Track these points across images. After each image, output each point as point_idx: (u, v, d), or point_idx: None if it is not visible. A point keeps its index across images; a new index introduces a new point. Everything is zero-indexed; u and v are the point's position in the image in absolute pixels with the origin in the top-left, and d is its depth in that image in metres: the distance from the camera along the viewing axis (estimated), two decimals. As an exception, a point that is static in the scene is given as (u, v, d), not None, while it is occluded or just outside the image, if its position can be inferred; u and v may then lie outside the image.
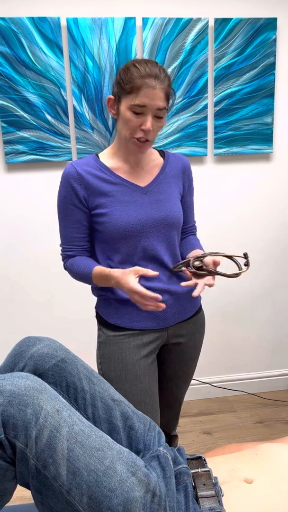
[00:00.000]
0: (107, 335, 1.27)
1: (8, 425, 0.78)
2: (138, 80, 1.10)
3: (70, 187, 1.20)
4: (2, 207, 1.89)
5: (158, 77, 1.11)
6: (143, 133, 1.15)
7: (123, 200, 1.21)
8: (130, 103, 1.11)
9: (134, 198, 1.21)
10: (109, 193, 1.20)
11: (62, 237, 1.28)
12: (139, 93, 1.10)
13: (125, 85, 1.12)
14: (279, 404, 2.20)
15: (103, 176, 1.21)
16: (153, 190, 1.24)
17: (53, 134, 1.81)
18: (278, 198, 2.08)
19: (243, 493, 0.94)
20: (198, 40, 1.81)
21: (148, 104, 1.11)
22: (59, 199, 1.24)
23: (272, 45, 1.86)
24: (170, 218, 1.24)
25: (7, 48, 1.71)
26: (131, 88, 1.11)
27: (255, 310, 2.21)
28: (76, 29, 1.73)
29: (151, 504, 0.84)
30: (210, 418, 2.11)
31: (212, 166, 1.98)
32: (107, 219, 1.20)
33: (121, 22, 1.74)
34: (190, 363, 1.38)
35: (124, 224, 1.19)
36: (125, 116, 1.14)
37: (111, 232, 1.20)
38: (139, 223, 1.20)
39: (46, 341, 1.01)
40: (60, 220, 1.27)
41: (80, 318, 1.96)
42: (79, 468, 0.80)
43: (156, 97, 1.11)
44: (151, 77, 1.10)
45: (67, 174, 1.21)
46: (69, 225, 1.24)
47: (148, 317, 1.25)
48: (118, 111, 1.16)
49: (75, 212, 1.22)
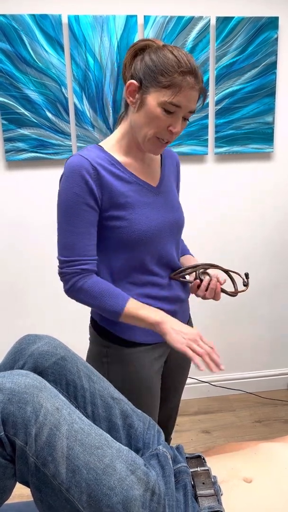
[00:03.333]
0: (119, 353, 1.13)
1: (8, 423, 0.78)
2: (178, 76, 0.96)
3: (83, 183, 1.00)
4: (2, 205, 1.89)
5: (197, 75, 0.98)
6: (169, 135, 1.02)
7: (141, 201, 1.07)
8: (165, 99, 0.97)
9: (150, 200, 1.09)
10: (126, 194, 1.05)
11: (68, 247, 1.03)
12: (179, 92, 0.97)
13: (159, 76, 0.97)
14: (278, 403, 2.20)
15: (117, 173, 1.05)
16: (163, 190, 1.14)
17: (54, 132, 1.81)
18: (279, 197, 2.08)
19: (242, 492, 0.94)
20: (199, 38, 1.81)
21: (183, 106, 0.99)
22: (67, 197, 1.01)
23: (274, 44, 1.86)
24: (181, 220, 1.18)
25: (8, 45, 1.70)
26: (169, 83, 0.96)
27: (254, 309, 2.21)
28: (78, 27, 1.72)
29: (151, 503, 0.84)
30: (209, 417, 2.11)
31: (212, 165, 1.98)
32: (126, 224, 1.04)
33: (123, 19, 1.74)
34: (187, 369, 1.34)
35: (145, 229, 1.06)
36: (153, 112, 0.99)
37: (129, 238, 1.05)
38: (158, 226, 1.09)
39: (46, 339, 1.01)
40: (64, 224, 1.03)
41: (80, 317, 1.95)
42: (78, 466, 0.80)
43: (193, 98, 0.99)
44: (192, 74, 0.97)
45: (79, 167, 1.00)
46: (80, 230, 1.02)
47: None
48: (142, 102, 1.00)
49: (88, 214, 1.02)
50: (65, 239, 1.04)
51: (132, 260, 1.09)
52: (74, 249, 1.03)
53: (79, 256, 1.03)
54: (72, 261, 1.04)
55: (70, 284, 1.05)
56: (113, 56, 1.77)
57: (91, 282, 1.04)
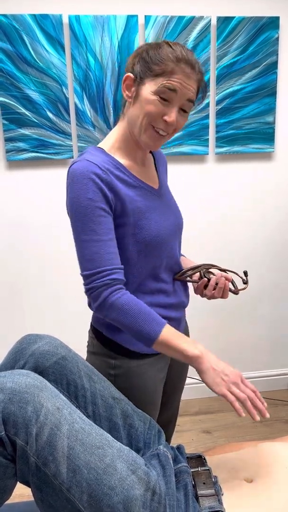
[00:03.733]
0: (128, 365, 1.08)
1: (9, 423, 0.78)
2: (171, 63, 0.93)
3: (96, 187, 0.93)
4: (3, 205, 1.89)
5: (193, 66, 0.96)
6: (164, 125, 0.97)
7: (149, 206, 1.02)
8: (158, 86, 0.94)
9: (155, 204, 1.05)
10: (134, 198, 1.00)
11: (92, 258, 0.94)
12: (172, 76, 0.93)
13: (154, 65, 0.95)
14: (279, 403, 2.20)
15: (123, 177, 1.00)
16: (164, 192, 1.11)
17: (55, 132, 1.81)
18: (280, 197, 2.08)
19: (243, 492, 0.94)
20: (200, 38, 1.81)
21: (179, 91, 0.94)
22: (81, 204, 0.93)
23: (275, 44, 1.86)
24: (182, 222, 1.15)
25: (9, 45, 1.70)
26: (162, 70, 0.94)
27: (254, 309, 2.21)
28: (78, 27, 1.72)
29: (151, 502, 0.84)
30: (210, 417, 2.11)
31: (213, 165, 1.98)
32: (137, 231, 0.99)
33: (123, 19, 1.74)
34: (185, 374, 1.32)
35: (156, 234, 1.01)
36: (148, 100, 0.95)
37: (141, 245, 1.00)
38: (166, 231, 1.04)
39: (47, 338, 1.01)
40: (82, 234, 0.94)
41: (81, 317, 1.95)
42: (79, 466, 0.80)
43: (189, 87, 0.96)
44: (187, 63, 0.95)
45: (89, 172, 0.93)
46: (102, 238, 0.94)
47: None
48: (137, 93, 0.98)
49: (106, 220, 0.95)
50: (86, 250, 0.94)
51: (143, 268, 1.04)
52: (99, 259, 0.94)
53: (105, 266, 0.94)
54: (99, 272, 0.94)
55: (101, 299, 0.94)
56: (114, 56, 1.77)
57: (126, 299, 0.94)
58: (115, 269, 0.95)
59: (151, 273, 1.07)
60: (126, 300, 0.94)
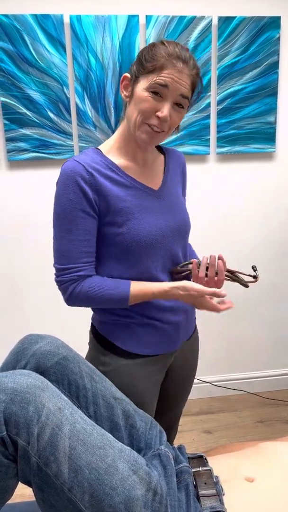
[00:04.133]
0: (117, 364, 1.09)
1: (10, 423, 0.78)
2: (163, 59, 0.95)
3: (78, 189, 0.97)
4: (4, 205, 1.89)
5: (187, 62, 0.96)
6: (158, 121, 0.98)
7: (141, 206, 1.03)
8: (150, 82, 0.95)
9: (151, 204, 1.05)
10: (124, 198, 1.01)
11: (64, 254, 1.00)
12: (162, 71, 0.94)
13: (147, 63, 0.96)
14: (280, 403, 2.19)
15: (115, 177, 1.02)
16: (166, 193, 1.10)
17: (56, 132, 1.81)
18: (281, 197, 2.08)
19: (245, 492, 0.94)
20: (201, 38, 1.81)
21: (170, 86, 0.95)
22: (63, 204, 0.98)
23: (276, 44, 1.86)
24: (186, 223, 1.13)
25: (10, 45, 1.70)
26: (154, 66, 0.95)
27: (256, 309, 2.21)
28: (79, 27, 1.72)
29: (153, 503, 0.84)
30: (211, 417, 2.11)
31: (214, 164, 1.98)
32: (125, 230, 1.00)
33: (124, 19, 1.74)
34: (191, 380, 1.30)
35: (146, 234, 1.02)
36: (140, 98, 0.96)
37: (129, 244, 1.01)
38: (160, 232, 1.04)
39: (48, 338, 1.01)
40: (59, 231, 1.00)
41: (82, 316, 1.95)
42: (80, 466, 0.80)
43: (182, 81, 0.96)
44: (179, 59, 0.95)
45: (73, 173, 0.97)
46: (76, 238, 0.99)
47: (163, 340, 1.12)
48: (133, 92, 0.99)
49: (85, 221, 0.99)
50: (60, 247, 1.01)
51: (136, 268, 1.05)
52: (70, 256, 1.00)
53: (74, 263, 1.00)
54: (67, 268, 1.00)
55: (68, 292, 1.02)
56: (115, 56, 1.77)
57: (88, 285, 1.01)
58: (83, 267, 1.01)
59: (146, 274, 1.06)
60: (88, 285, 1.01)
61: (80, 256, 1.00)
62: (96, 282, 1.01)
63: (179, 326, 1.14)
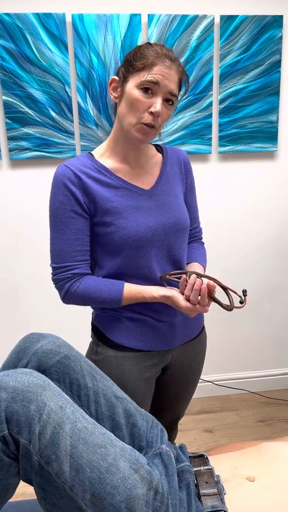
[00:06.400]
0: (106, 354, 1.14)
1: (12, 421, 0.78)
2: (152, 57, 0.98)
3: (67, 191, 1.03)
4: (6, 203, 1.89)
5: (174, 61, 1.01)
6: (151, 117, 1.00)
7: (129, 206, 1.05)
8: (141, 79, 0.98)
9: (140, 203, 1.07)
10: (111, 199, 1.05)
11: (58, 253, 1.05)
12: (153, 69, 0.97)
13: (135, 62, 0.99)
14: (281, 403, 2.19)
15: (103, 179, 1.05)
16: (158, 192, 1.11)
17: (57, 131, 1.81)
18: (282, 196, 2.07)
19: (246, 491, 0.94)
20: (203, 37, 1.80)
21: (161, 83, 0.98)
22: (54, 206, 1.04)
23: (278, 43, 1.85)
24: (180, 222, 1.12)
25: (12, 44, 1.70)
26: (144, 64, 0.98)
27: (258, 308, 2.21)
28: (81, 25, 1.72)
29: (154, 502, 0.84)
30: (212, 417, 2.11)
31: (216, 164, 1.98)
32: (113, 229, 1.04)
33: (127, 18, 1.74)
34: (193, 383, 1.30)
35: (133, 233, 1.04)
36: (131, 96, 0.99)
37: (119, 243, 1.04)
38: (149, 231, 1.06)
39: (49, 337, 1.02)
40: (54, 232, 1.05)
41: (84, 315, 1.96)
42: (82, 464, 0.80)
43: (171, 78, 0.99)
44: (167, 57, 0.99)
45: (62, 176, 1.03)
46: (69, 237, 1.04)
47: (156, 337, 1.13)
48: (123, 92, 1.02)
49: (76, 221, 1.04)
50: (55, 246, 1.06)
51: (129, 266, 1.08)
52: (64, 255, 1.05)
53: (69, 262, 1.05)
54: (63, 267, 1.05)
55: (64, 291, 1.07)
56: (117, 55, 1.77)
57: (83, 285, 1.05)
58: (77, 265, 1.06)
59: (141, 272, 1.08)
60: (83, 286, 1.05)
61: (74, 255, 1.05)
62: (91, 284, 1.06)
63: (175, 325, 1.15)
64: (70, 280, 1.06)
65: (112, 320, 1.14)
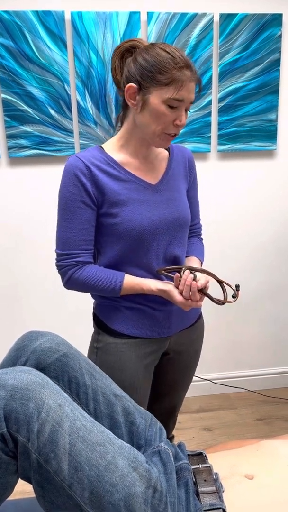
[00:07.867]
0: (106, 342, 1.18)
1: (10, 419, 0.78)
2: (176, 72, 0.99)
3: (78, 182, 1.06)
4: (5, 202, 1.89)
5: (192, 68, 1.02)
6: (176, 129, 1.06)
7: (135, 199, 1.09)
8: (168, 96, 1.00)
9: (146, 197, 1.11)
10: (119, 191, 1.08)
11: (65, 241, 1.09)
12: (182, 87, 1.00)
13: (158, 75, 1.00)
14: (280, 401, 2.20)
15: (112, 172, 1.09)
16: (164, 187, 1.15)
17: (56, 129, 1.81)
18: (282, 195, 2.07)
19: (244, 489, 0.94)
20: (203, 35, 1.80)
21: (186, 99, 1.03)
22: (64, 195, 1.08)
23: (278, 41, 1.85)
24: (182, 217, 1.16)
25: (11, 41, 1.70)
26: (170, 80, 0.99)
27: (257, 307, 2.21)
28: (81, 23, 1.72)
29: (152, 500, 0.84)
30: (211, 415, 2.11)
31: (215, 162, 1.98)
32: (118, 220, 1.08)
33: (126, 16, 1.73)
34: (190, 370, 1.34)
35: (137, 225, 1.08)
36: (158, 110, 1.02)
37: (122, 235, 1.08)
38: (152, 224, 1.10)
39: (48, 335, 1.02)
40: (62, 221, 1.09)
41: (83, 313, 1.96)
42: (80, 462, 0.80)
43: (192, 90, 1.04)
44: (188, 68, 1.01)
45: (74, 167, 1.06)
46: (76, 226, 1.08)
47: (154, 325, 1.17)
48: (145, 102, 1.03)
49: (84, 211, 1.08)
50: (61, 234, 1.10)
51: (129, 257, 1.12)
52: (69, 243, 1.09)
53: (74, 250, 1.09)
54: (67, 254, 1.10)
55: (67, 277, 1.11)
56: (116, 53, 1.76)
57: (86, 273, 1.10)
58: (81, 253, 1.10)
59: (141, 264, 1.13)
60: (86, 274, 1.10)
61: (79, 244, 1.09)
62: (93, 272, 1.10)
63: (172, 314, 1.19)
64: (73, 267, 1.10)
65: (112, 310, 1.18)
